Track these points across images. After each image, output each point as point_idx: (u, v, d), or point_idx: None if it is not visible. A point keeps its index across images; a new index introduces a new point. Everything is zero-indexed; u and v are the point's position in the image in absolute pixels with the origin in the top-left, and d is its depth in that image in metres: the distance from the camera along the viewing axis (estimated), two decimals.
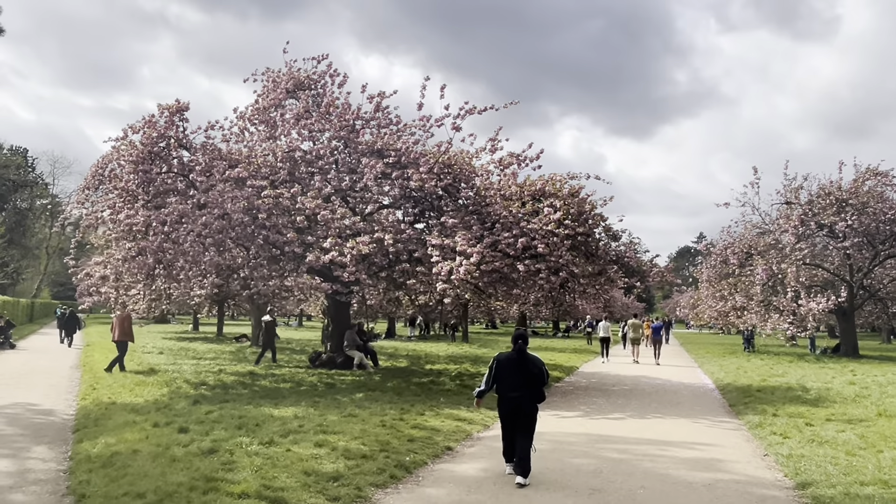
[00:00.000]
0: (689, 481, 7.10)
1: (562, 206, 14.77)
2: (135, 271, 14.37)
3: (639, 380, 18.48)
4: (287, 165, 15.98)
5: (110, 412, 10.54)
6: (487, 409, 11.73)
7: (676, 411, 12.45)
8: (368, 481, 6.66)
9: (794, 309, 27.10)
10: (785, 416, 11.21)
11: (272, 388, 13.71)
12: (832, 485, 6.80)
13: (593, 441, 9.25)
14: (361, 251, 13.53)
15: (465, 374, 18.07)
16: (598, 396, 14.53)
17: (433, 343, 34.45)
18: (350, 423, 9.70)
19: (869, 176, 28.44)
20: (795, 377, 18.38)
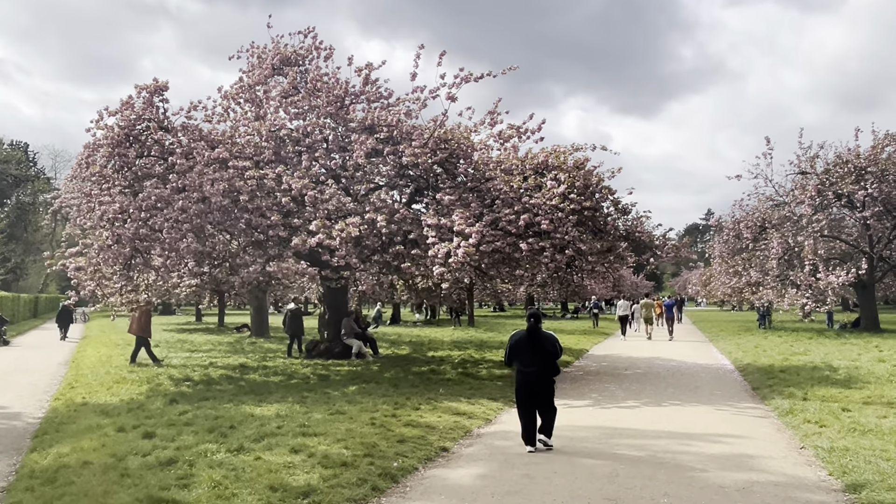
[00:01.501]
0: (719, 485, 6.09)
1: (566, 178, 13.75)
2: (111, 261, 13.40)
3: (653, 362, 17.49)
4: (272, 144, 14.99)
5: (78, 414, 9.64)
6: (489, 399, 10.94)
7: (696, 397, 11.46)
8: (345, 496, 5.69)
9: (812, 283, 26.00)
10: (817, 401, 10.20)
11: (260, 383, 12.81)
12: (891, 487, 5.77)
13: (607, 436, 8.27)
14: (352, 233, 12.55)
15: (468, 360, 17.12)
16: (609, 382, 13.56)
17: (439, 328, 33.54)
18: (336, 421, 8.74)
19: (889, 142, 27.18)
20: (819, 355, 17.35)
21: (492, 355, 18.55)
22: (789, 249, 27.60)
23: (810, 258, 26.26)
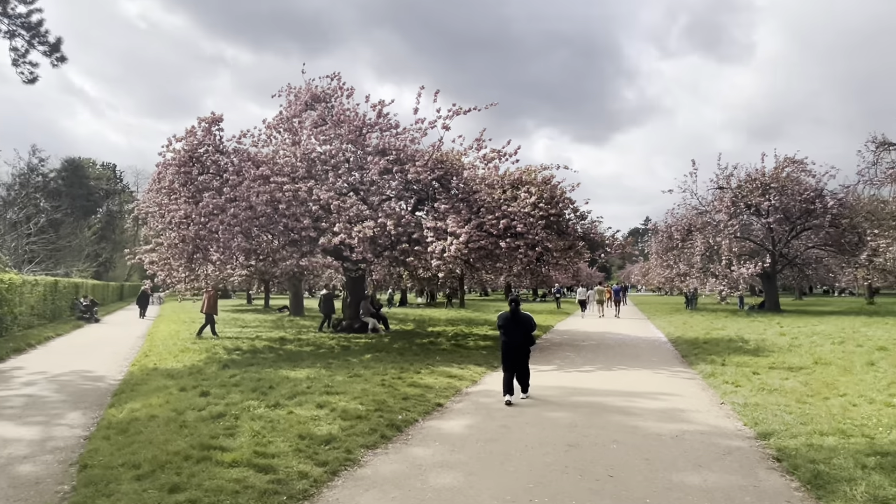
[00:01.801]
0: (657, 433, 5.95)
1: (536, 191, 13.62)
2: (177, 256, 13.18)
3: (604, 335, 17.33)
4: (305, 164, 14.74)
5: (149, 377, 9.41)
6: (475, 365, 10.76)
7: (638, 363, 11.30)
8: (359, 443, 5.53)
9: (727, 273, 25.95)
10: (733, 366, 10.05)
11: (295, 352, 12.59)
12: (793, 435, 5.64)
13: (568, 394, 8.11)
14: (367, 234, 12.36)
15: (459, 334, 16.93)
16: (570, 351, 13.39)
17: (437, 309, 33.29)
18: (354, 383, 8.56)
19: (787, 164, 27.12)
20: (734, 330, 17.19)
21: (478, 330, 18.36)
22: (710, 247, 27.62)
23: (726, 254, 26.24)
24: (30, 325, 18.75)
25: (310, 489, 4.38)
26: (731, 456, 5.17)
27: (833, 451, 5.04)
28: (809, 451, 5.12)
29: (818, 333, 15.37)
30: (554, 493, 4.33)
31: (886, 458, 4.82)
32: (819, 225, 26.40)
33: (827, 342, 13.22)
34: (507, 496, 4.28)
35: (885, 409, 6.64)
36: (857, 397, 7.27)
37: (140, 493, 4.18)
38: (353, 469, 4.90)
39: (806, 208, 26.63)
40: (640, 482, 4.55)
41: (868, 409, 6.67)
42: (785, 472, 4.75)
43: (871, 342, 12.93)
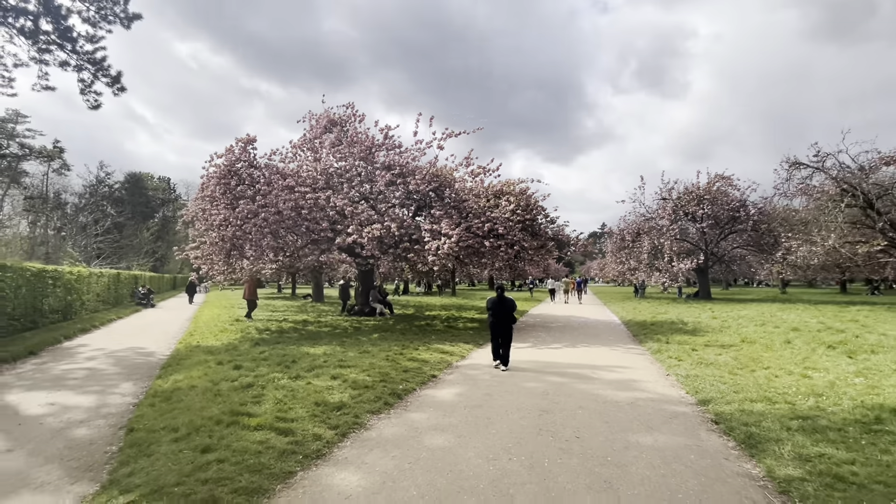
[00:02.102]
0: (615, 400, 5.78)
1: (515, 200, 13.43)
2: (217, 253, 12.87)
3: (569, 318, 17.18)
4: (324, 177, 14.47)
5: (192, 353, 9.13)
6: (464, 343, 10.55)
7: (598, 341, 11.14)
8: (366, 409, 5.32)
9: (669, 268, 25.88)
10: (675, 344, 9.91)
11: (315, 332, 12.33)
12: (728, 402, 5.49)
13: (541, 367, 7.93)
14: (375, 235, 12.12)
15: (451, 318, 16.72)
16: (542, 331, 13.22)
17: (433, 297, 33.04)
18: (363, 358, 8.34)
19: (718, 179, 27.06)
20: (675, 314, 17.09)
21: (467, 314, 18.15)
22: (655, 247, 27.53)
23: (668, 253, 26.14)
24: (96, 309, 18.36)
25: (323, 449, 4.18)
26: (677, 420, 5.02)
27: (762, 416, 4.90)
28: (742, 415, 4.98)
29: (743, 317, 15.30)
30: (530, 452, 4.15)
31: (807, 421, 4.68)
32: (743, 229, 26.42)
33: (751, 324, 13.13)
34: (490, 454, 4.10)
35: (802, 380, 6.52)
36: (779, 370, 7.15)
37: (177, 454, 3.96)
38: (360, 432, 4.70)
39: (732, 216, 26.64)
40: (601, 442, 4.38)
41: (788, 379, 6.55)
42: (722, 434, 4.60)
43: (786, 324, 12.85)
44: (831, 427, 4.50)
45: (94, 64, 15.52)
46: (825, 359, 7.96)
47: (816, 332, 11.32)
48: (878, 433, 4.33)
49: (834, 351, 8.66)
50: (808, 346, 9.24)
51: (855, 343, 9.43)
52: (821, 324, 13.13)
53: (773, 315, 15.85)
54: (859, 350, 8.64)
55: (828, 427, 4.49)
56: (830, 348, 8.94)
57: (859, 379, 6.43)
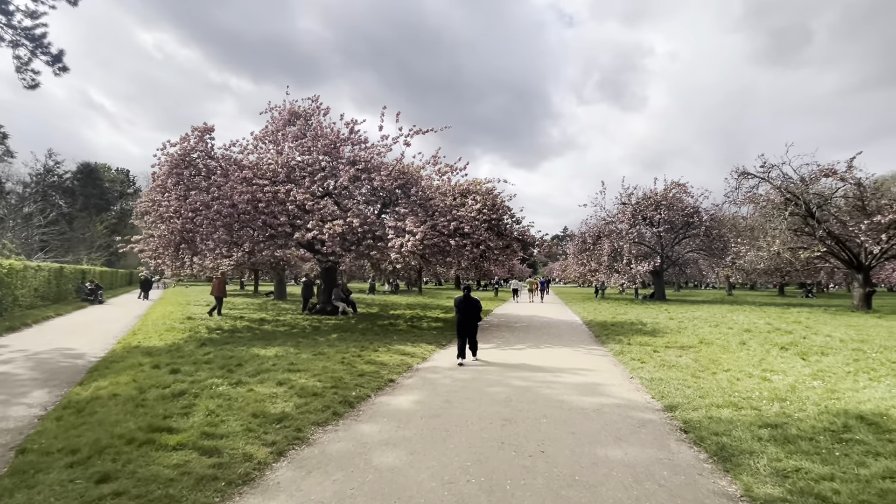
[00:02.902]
0: (581, 407, 5.35)
1: (481, 199, 12.97)
2: (166, 246, 11.74)
3: (532, 318, 16.91)
4: (285, 171, 13.55)
5: (129, 355, 8.12)
6: (427, 343, 9.97)
7: (561, 342, 10.81)
8: (311, 420, 4.65)
9: (627, 270, 26.21)
10: (637, 345, 9.68)
11: (270, 332, 11.43)
12: (695, 408, 5.16)
13: (504, 370, 7.45)
14: (336, 231, 11.37)
15: (416, 317, 16.10)
16: (506, 332, 12.81)
17: (400, 296, 32.24)
18: (317, 360, 7.62)
19: (674, 186, 27.66)
20: (634, 315, 17.13)
21: (432, 314, 17.58)
22: (614, 250, 27.79)
23: (627, 255, 26.48)
24: (32, 305, 16.60)
25: (252, 473, 3.50)
26: (646, 429, 4.62)
27: (731, 424, 4.57)
28: (711, 423, 4.63)
29: (697, 318, 15.46)
30: (490, 472, 3.62)
31: (776, 430, 4.37)
32: (696, 234, 27.13)
33: (705, 325, 13.20)
34: (445, 475, 3.54)
35: (763, 383, 6.32)
36: (739, 372, 6.96)
37: (65, 484, 3.18)
38: (300, 448, 4.03)
39: (686, 221, 27.32)
40: (568, 457, 3.90)
41: (749, 382, 6.34)
42: (693, 444, 4.22)
43: (738, 325, 12.99)
44: (802, 436, 4.20)
45: (33, 40, 14.00)
46: (780, 360, 7.88)
47: (767, 333, 11.43)
48: (849, 443, 4.05)
49: (787, 352, 8.63)
50: (762, 347, 9.20)
51: (804, 344, 9.49)
52: (769, 325, 13.36)
53: (724, 316, 16.11)
54: (810, 352, 8.65)
55: (798, 436, 4.19)
56: (783, 349, 8.92)
57: (817, 382, 6.29)
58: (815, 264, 24.75)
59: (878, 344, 9.64)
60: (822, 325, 13.65)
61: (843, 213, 20.83)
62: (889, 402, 5.29)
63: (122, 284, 41.87)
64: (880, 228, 18.85)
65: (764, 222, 21.97)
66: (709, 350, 8.95)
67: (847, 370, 7.07)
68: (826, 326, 13.14)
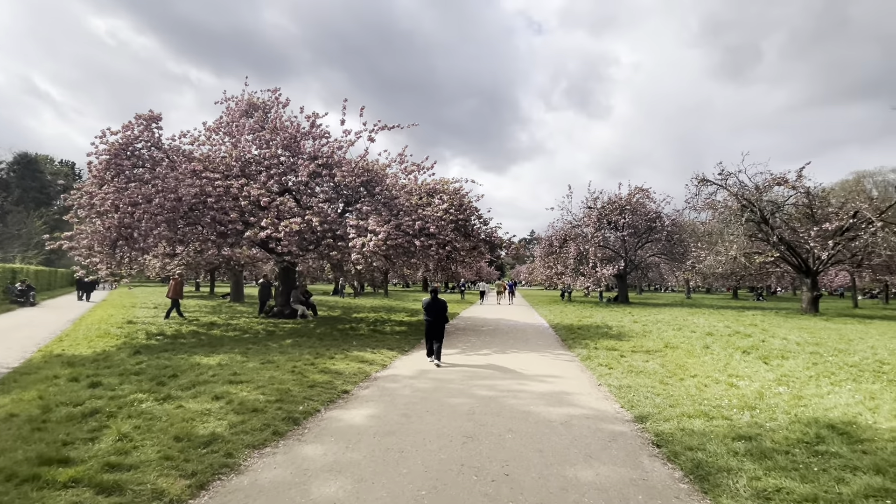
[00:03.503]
0: (548, 419, 4.98)
1: (448, 199, 12.54)
2: (101, 242, 10.66)
3: (499, 321, 16.65)
4: (240, 164, 12.69)
5: (46, 365, 7.16)
6: (388, 349, 9.42)
7: (527, 346, 10.51)
8: (246, 442, 4.05)
9: (593, 273, 26.51)
10: (603, 350, 9.51)
11: (219, 337, 10.56)
12: (665, 418, 4.90)
13: (468, 378, 7.02)
14: (293, 229, 10.67)
15: (379, 320, 15.50)
16: (471, 335, 12.43)
17: (366, 298, 31.40)
18: (265, 369, 6.95)
19: (637, 191, 28.26)
20: (599, 318, 17.17)
21: (396, 317, 17.01)
22: (580, 253, 28.09)
23: (592, 258, 26.79)
24: None
25: None
26: (617, 443, 4.30)
27: (704, 436, 4.31)
28: (683, 435, 4.37)
29: (660, 321, 15.63)
30: (449, 502, 3.16)
31: (751, 443, 4.14)
32: (658, 238, 27.77)
33: (669, 328, 13.29)
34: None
35: (730, 389, 6.18)
36: (706, 378, 6.83)
37: None
38: (227, 478, 3.44)
39: (649, 226, 27.95)
40: (535, 480, 3.50)
41: (717, 389, 6.19)
42: (667, 461, 3.92)
43: (701, 329, 13.15)
44: (777, 449, 3.98)
45: None
46: (744, 365, 7.85)
47: (728, 336, 11.57)
48: (824, 456, 3.86)
49: (749, 356, 8.65)
50: (725, 351, 9.22)
51: (764, 348, 9.59)
52: (728, 328, 13.61)
53: (686, 319, 16.38)
54: (771, 355, 8.71)
55: (774, 450, 3.97)
56: (745, 353, 8.96)
57: (782, 388, 6.22)
58: (767, 269, 25.83)
59: (832, 347, 9.88)
60: (776, 327, 14.05)
61: (793, 220, 21.79)
62: (854, 409, 5.22)
63: (63, 285, 38.90)
64: (827, 235, 19.79)
65: (722, 228, 22.68)
66: (674, 354, 8.87)
67: (808, 374, 7.08)
68: (781, 329, 13.52)
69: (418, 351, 9.55)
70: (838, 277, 37.95)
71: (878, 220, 18.46)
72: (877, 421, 4.78)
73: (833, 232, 19.83)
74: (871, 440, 4.22)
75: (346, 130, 12.83)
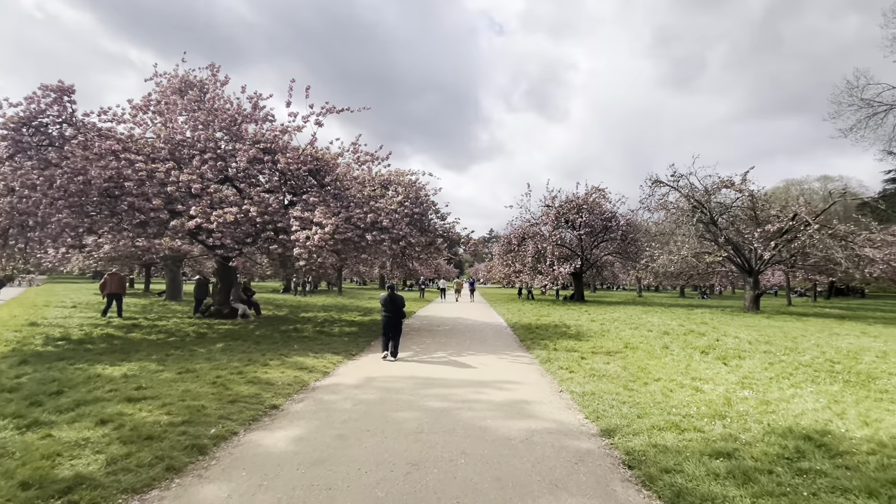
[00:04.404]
0: (507, 437, 4.37)
1: (403, 191, 11.78)
2: None
3: (457, 321, 16.06)
4: (169, 147, 11.29)
5: None
6: (333, 353, 8.54)
7: (485, 347, 9.95)
8: (124, 485, 3.13)
9: (550, 272, 26.56)
10: (563, 351, 9.09)
11: (136, 342, 9.24)
12: (635, 432, 4.41)
13: (419, 386, 6.31)
14: (227, 220, 9.53)
15: (329, 320, 14.48)
16: (426, 336, 11.74)
17: (318, 297, 29.97)
18: (180, 381, 5.92)
19: (594, 191, 28.61)
20: (557, 317, 16.97)
21: (348, 316, 16.03)
22: (538, 251, 28.12)
23: (550, 257, 26.84)
24: None
25: None
26: (584, 465, 3.74)
27: (679, 454, 3.84)
28: (656, 453, 3.87)
29: (617, 320, 15.61)
30: None
31: (731, 461, 3.70)
32: (613, 238, 28.26)
33: (626, 328, 13.19)
34: None
35: (696, 394, 5.85)
36: (670, 382, 6.50)
37: None
38: None
39: (605, 225, 28.38)
40: None
41: (683, 395, 5.83)
42: (642, 486, 3.39)
43: (657, 328, 13.14)
44: (759, 468, 3.56)
45: None
46: (704, 366, 7.64)
47: (684, 335, 11.55)
48: (809, 475, 3.47)
49: (708, 357, 8.50)
50: (684, 351, 9.05)
51: (721, 347, 9.53)
52: (682, 326, 13.72)
53: (641, 318, 16.49)
54: (728, 356, 8.60)
55: (756, 469, 3.55)
56: (704, 353, 8.82)
57: (747, 391, 5.96)
58: (714, 268, 26.90)
59: (782, 346, 10.00)
60: (726, 325, 14.34)
61: (738, 221, 22.70)
62: (823, 415, 4.98)
63: None
64: (769, 236, 20.71)
65: (674, 228, 23.28)
66: (635, 356, 8.57)
67: (768, 376, 6.93)
68: (730, 327, 13.78)
69: (368, 354, 8.74)
70: (774, 277, 40.46)
71: (814, 223, 19.47)
72: (849, 429, 4.53)
73: (774, 234, 20.78)
74: (850, 453, 3.91)
75: (291, 113, 11.74)
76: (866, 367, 7.76)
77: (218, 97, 12.38)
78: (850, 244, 20.14)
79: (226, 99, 12.51)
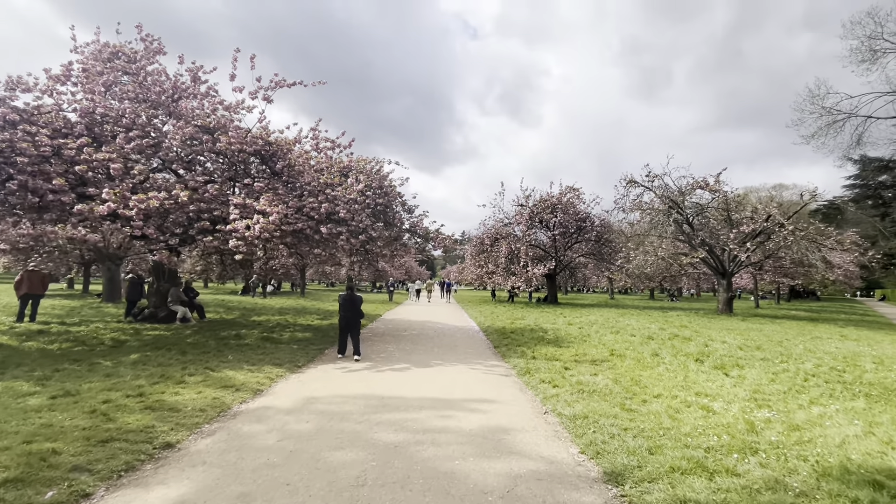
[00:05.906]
0: (482, 489, 3.17)
1: (365, 179, 10.48)
2: None
3: (425, 325, 14.82)
4: (85, 121, 9.57)
5: None
6: (275, 365, 7.14)
7: (455, 356, 8.75)
8: None
9: (524, 273, 25.73)
10: (543, 359, 8.01)
11: (25, 352, 7.54)
12: (650, 478, 3.29)
13: (370, 410, 5.04)
14: (152, 206, 7.99)
15: (280, 324, 12.96)
16: (390, 342, 10.45)
17: (279, 298, 27.98)
18: (45, 411, 4.44)
19: (568, 191, 27.98)
20: (532, 320, 15.99)
21: (304, 320, 14.54)
22: (511, 252, 27.25)
23: (523, 258, 26.02)
24: None
25: None
26: None
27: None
28: None
29: (594, 323, 14.76)
30: None
31: None
32: (588, 238, 27.72)
33: (606, 331, 12.31)
34: None
35: (708, 416, 4.84)
36: (672, 398, 5.49)
37: None
38: None
39: (579, 226, 27.82)
40: None
41: (692, 416, 4.81)
42: None
43: (639, 332, 12.31)
44: None
45: None
46: (703, 377, 6.71)
47: (668, 340, 10.73)
48: None
49: (704, 366, 7.61)
50: (676, 359, 8.14)
51: (714, 355, 8.68)
52: (663, 330, 12.97)
53: (618, 321, 15.73)
54: (725, 364, 7.74)
55: None
56: (698, 361, 7.93)
57: (766, 412, 5.00)
58: (685, 270, 26.75)
59: (775, 351, 9.28)
60: (706, 329, 13.71)
61: (713, 222, 22.49)
62: (869, 445, 4.04)
63: None
64: (744, 238, 20.50)
65: (650, 229, 22.86)
66: (624, 365, 7.58)
67: (779, 389, 6.04)
68: (711, 331, 13.14)
69: (318, 365, 7.40)
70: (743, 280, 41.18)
71: (788, 224, 19.35)
72: None
73: (748, 235, 20.59)
74: None
75: (236, 87, 10.23)
76: (874, 376, 7.03)
77: (150, 68, 10.76)
78: (821, 246, 20.18)
79: (160, 70, 10.89)
